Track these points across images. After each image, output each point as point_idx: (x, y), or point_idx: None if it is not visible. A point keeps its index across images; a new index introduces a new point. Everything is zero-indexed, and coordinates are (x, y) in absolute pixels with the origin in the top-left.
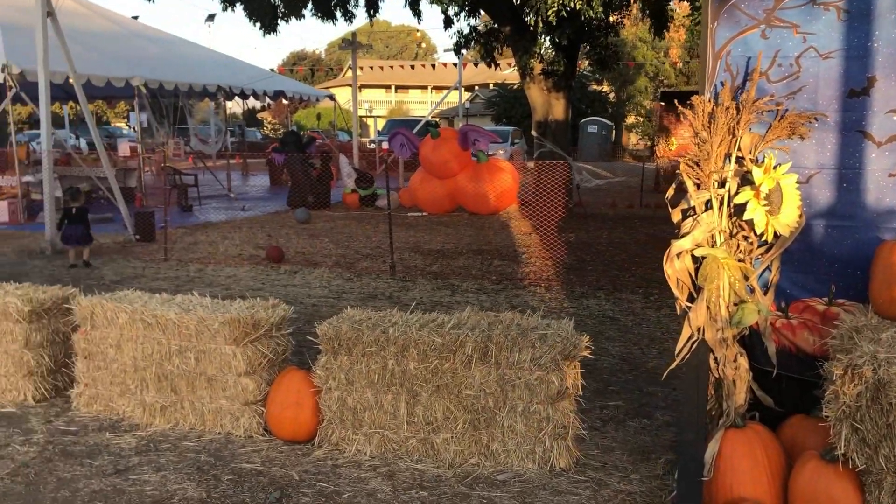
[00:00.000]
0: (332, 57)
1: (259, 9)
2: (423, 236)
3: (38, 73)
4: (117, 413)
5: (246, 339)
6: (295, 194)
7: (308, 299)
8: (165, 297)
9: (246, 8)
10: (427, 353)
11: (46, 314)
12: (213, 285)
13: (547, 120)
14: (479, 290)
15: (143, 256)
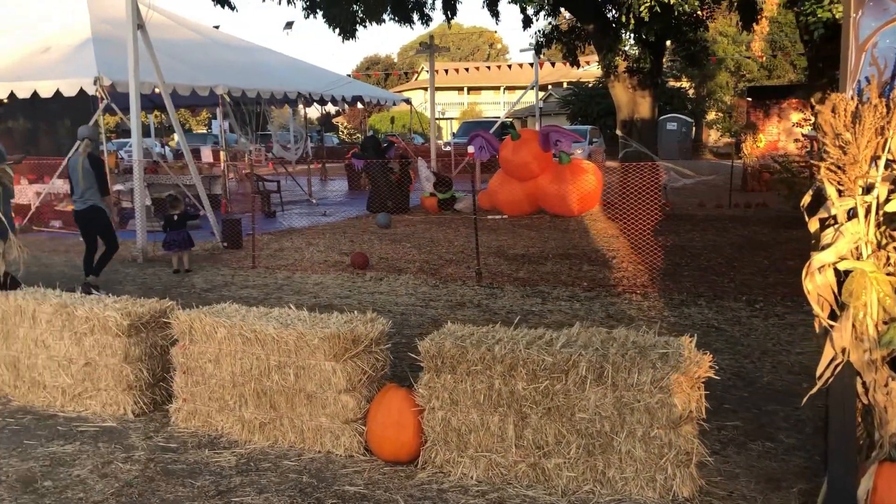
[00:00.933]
0: (405, 60)
1: (339, 15)
2: (506, 240)
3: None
4: (216, 429)
5: (346, 355)
6: (375, 199)
7: (396, 307)
8: (263, 311)
9: (325, 14)
10: (537, 372)
11: (145, 328)
12: (301, 293)
13: (632, 119)
14: (571, 297)
15: (231, 264)
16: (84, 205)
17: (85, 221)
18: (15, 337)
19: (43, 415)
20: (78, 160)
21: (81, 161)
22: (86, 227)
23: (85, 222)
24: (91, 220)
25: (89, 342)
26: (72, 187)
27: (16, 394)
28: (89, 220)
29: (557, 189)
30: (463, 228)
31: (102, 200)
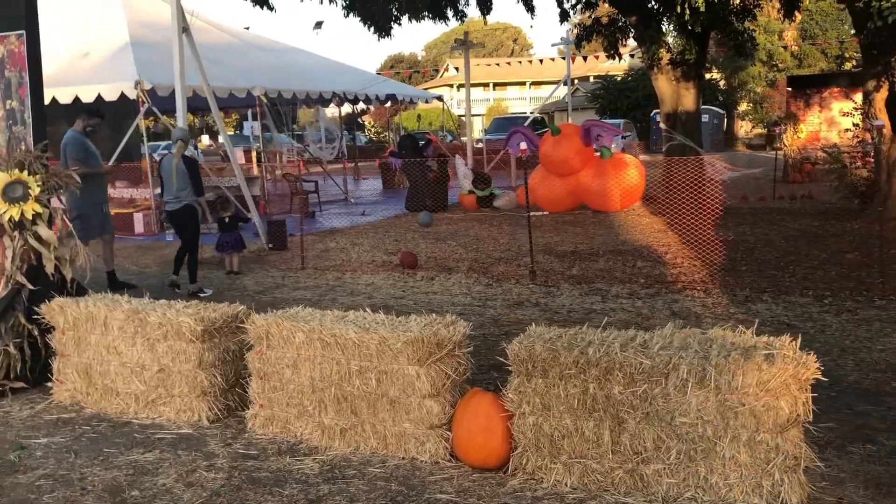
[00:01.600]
0: (429, 58)
1: (377, 12)
2: (551, 237)
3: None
4: (294, 435)
5: (430, 360)
6: (413, 197)
7: (453, 307)
8: (338, 314)
9: (360, 13)
10: (634, 376)
11: (218, 333)
12: (354, 294)
13: (676, 111)
14: (631, 295)
15: (279, 265)
16: (178, 204)
17: (176, 221)
18: (87, 344)
19: (117, 422)
20: (172, 161)
21: (176, 162)
22: (177, 226)
23: (176, 221)
24: (181, 219)
25: (162, 348)
26: (162, 188)
27: (88, 401)
28: (179, 220)
29: (599, 184)
30: (506, 226)
31: (196, 200)
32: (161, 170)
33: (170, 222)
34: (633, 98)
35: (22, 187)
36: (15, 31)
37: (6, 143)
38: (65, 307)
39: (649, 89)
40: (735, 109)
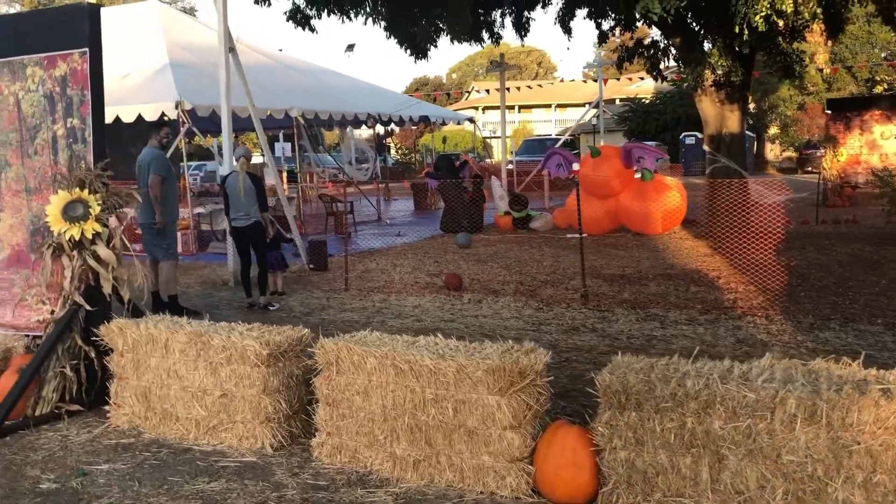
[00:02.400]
0: (454, 81)
1: (418, 34)
2: (595, 260)
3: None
4: (364, 466)
5: (511, 390)
6: (448, 218)
7: (506, 332)
8: (408, 339)
9: (397, 35)
10: (737, 410)
11: (283, 357)
12: (402, 316)
13: (720, 133)
14: (690, 321)
15: (322, 286)
16: (247, 220)
17: (245, 237)
18: (146, 367)
19: (178, 448)
20: (237, 178)
21: (242, 179)
22: (245, 242)
23: (245, 238)
24: (251, 235)
25: (225, 372)
26: (227, 205)
27: (147, 425)
28: (249, 236)
29: (641, 206)
30: (546, 248)
31: (262, 216)
32: (227, 188)
33: (237, 238)
34: (662, 120)
35: (82, 206)
36: (78, 48)
37: (66, 162)
38: (124, 329)
39: (678, 112)
40: (765, 133)
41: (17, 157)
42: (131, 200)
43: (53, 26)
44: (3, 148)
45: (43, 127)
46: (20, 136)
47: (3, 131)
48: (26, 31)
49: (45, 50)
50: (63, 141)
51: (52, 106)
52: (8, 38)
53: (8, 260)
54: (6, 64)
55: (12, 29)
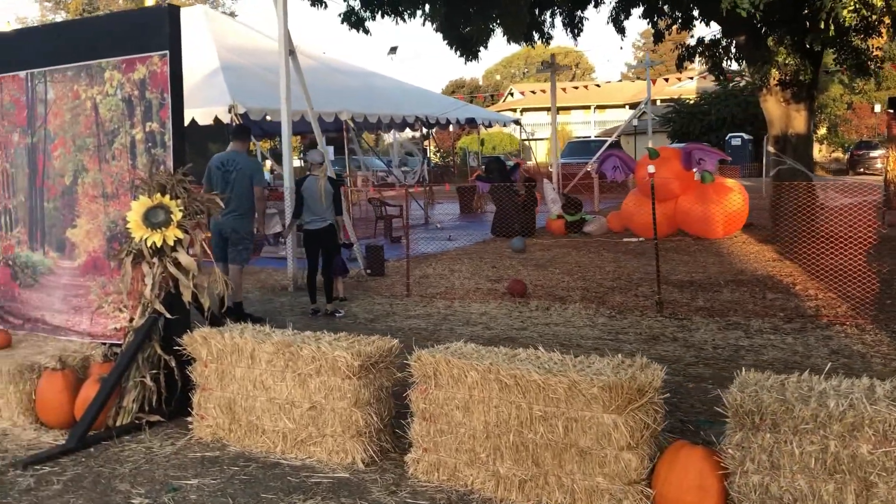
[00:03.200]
0: (490, 83)
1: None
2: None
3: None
4: (464, 484)
5: (629, 408)
6: (500, 222)
7: (584, 341)
8: (507, 352)
9: (447, 37)
10: (888, 434)
11: (373, 368)
12: (470, 324)
13: (786, 134)
14: (776, 330)
15: (381, 291)
16: (323, 223)
17: (318, 240)
18: (231, 377)
19: (265, 462)
20: (316, 181)
21: (321, 183)
22: (318, 245)
23: (318, 241)
24: (325, 238)
25: (315, 384)
26: (297, 208)
27: (231, 438)
28: (323, 239)
29: (701, 210)
30: (605, 252)
31: (336, 219)
32: (304, 190)
33: (309, 241)
34: (706, 121)
35: (164, 212)
36: (158, 51)
37: (145, 167)
38: (208, 338)
39: (723, 112)
40: (814, 133)
41: (95, 163)
42: (213, 206)
43: (132, 29)
44: (80, 153)
45: (121, 131)
46: (97, 140)
47: (81, 136)
48: (104, 35)
49: (123, 53)
50: (142, 145)
51: (131, 110)
52: (85, 42)
53: (84, 266)
54: (83, 68)
55: (89, 32)
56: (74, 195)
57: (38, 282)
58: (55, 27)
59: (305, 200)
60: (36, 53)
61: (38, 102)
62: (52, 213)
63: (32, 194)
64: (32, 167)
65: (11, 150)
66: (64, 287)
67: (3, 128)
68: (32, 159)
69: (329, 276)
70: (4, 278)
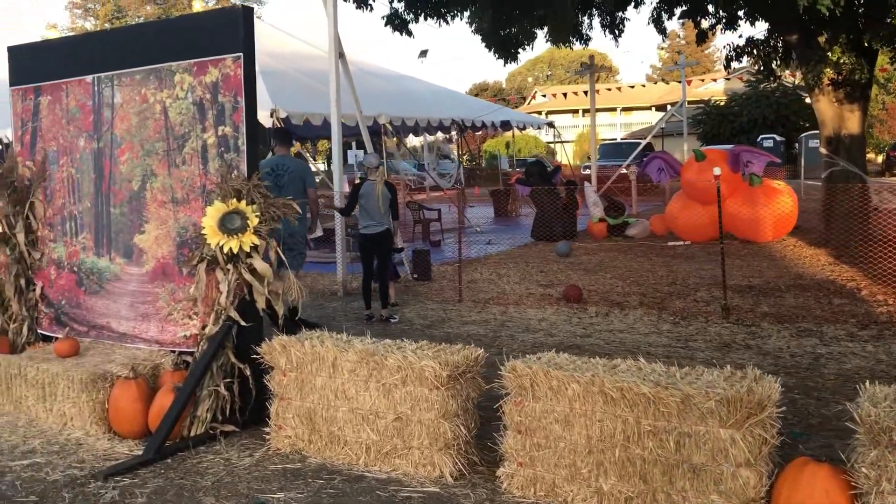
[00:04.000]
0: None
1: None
2: (713, 269)
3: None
4: (563, 500)
5: (748, 423)
6: (540, 225)
7: (653, 349)
8: (605, 363)
9: (486, 38)
10: None
11: (461, 378)
12: (530, 330)
13: (839, 135)
14: (851, 337)
15: (432, 297)
16: (380, 227)
17: (375, 244)
18: (311, 387)
19: (350, 475)
20: (373, 185)
21: (379, 187)
22: (373, 250)
23: (374, 245)
24: (381, 242)
25: (400, 394)
26: (347, 210)
27: (310, 449)
28: (379, 243)
29: (749, 213)
30: (654, 256)
31: (392, 224)
32: (361, 195)
33: (365, 246)
34: (737, 123)
35: (240, 218)
36: (232, 53)
37: (217, 171)
38: (288, 346)
39: (754, 114)
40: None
41: (164, 167)
42: (289, 211)
43: (204, 31)
44: (148, 157)
45: (192, 135)
46: (167, 145)
47: (149, 140)
48: (173, 37)
49: (194, 56)
50: (214, 150)
51: (202, 113)
52: (154, 45)
53: (153, 273)
54: (152, 71)
55: (158, 35)
56: (142, 200)
57: (103, 288)
58: (122, 31)
59: (363, 205)
60: (102, 57)
61: (104, 107)
62: (119, 219)
63: (98, 200)
64: (98, 172)
65: (77, 156)
66: (131, 294)
67: (69, 133)
68: (98, 164)
69: (385, 282)
70: (69, 284)
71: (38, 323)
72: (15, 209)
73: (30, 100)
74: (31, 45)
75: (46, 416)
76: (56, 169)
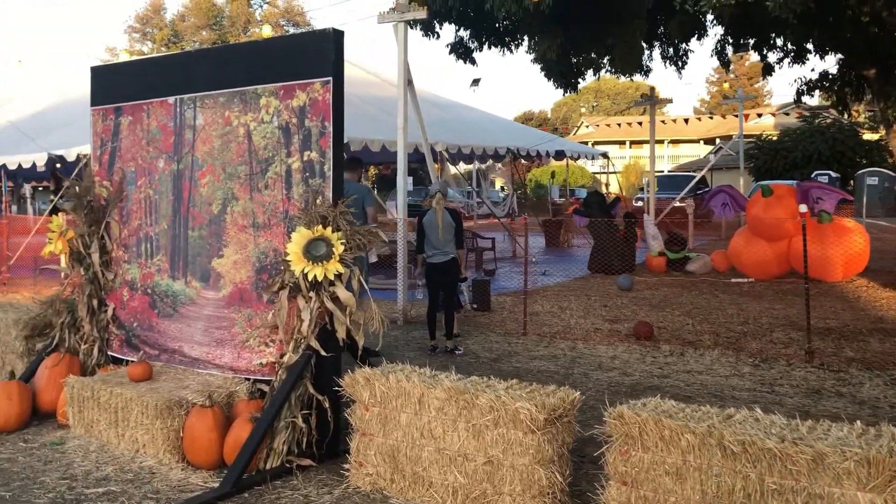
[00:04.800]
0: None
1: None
2: (785, 309)
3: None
4: None
5: (890, 487)
6: (598, 257)
7: (738, 393)
8: (719, 412)
9: (545, 68)
10: None
11: (557, 422)
12: (603, 368)
13: None
14: None
15: (494, 328)
16: (445, 257)
17: (441, 274)
18: (395, 423)
19: None
20: (435, 214)
21: (441, 215)
22: (440, 280)
23: (440, 275)
24: (447, 272)
25: (491, 436)
26: (421, 242)
27: (392, 489)
28: (446, 273)
29: (819, 251)
30: (720, 293)
31: (457, 253)
32: (424, 224)
33: (431, 275)
34: (791, 158)
35: (325, 245)
36: (321, 77)
37: (300, 197)
38: (372, 380)
39: (809, 149)
40: None
41: (246, 191)
42: (374, 240)
43: (293, 55)
44: (230, 181)
45: (276, 160)
46: (250, 168)
47: (232, 164)
48: (261, 60)
49: (281, 79)
50: (298, 175)
51: (288, 138)
52: (239, 67)
53: (229, 297)
54: (236, 94)
55: (244, 57)
56: (222, 224)
57: (177, 312)
58: (206, 52)
59: (427, 234)
60: (186, 79)
61: (185, 128)
62: (197, 242)
63: (176, 222)
64: (177, 194)
65: (156, 177)
66: (206, 318)
67: (149, 153)
68: (178, 186)
69: (451, 312)
70: (142, 306)
71: (108, 344)
72: (90, 229)
73: (110, 119)
74: (113, 66)
75: (118, 442)
76: (134, 189)
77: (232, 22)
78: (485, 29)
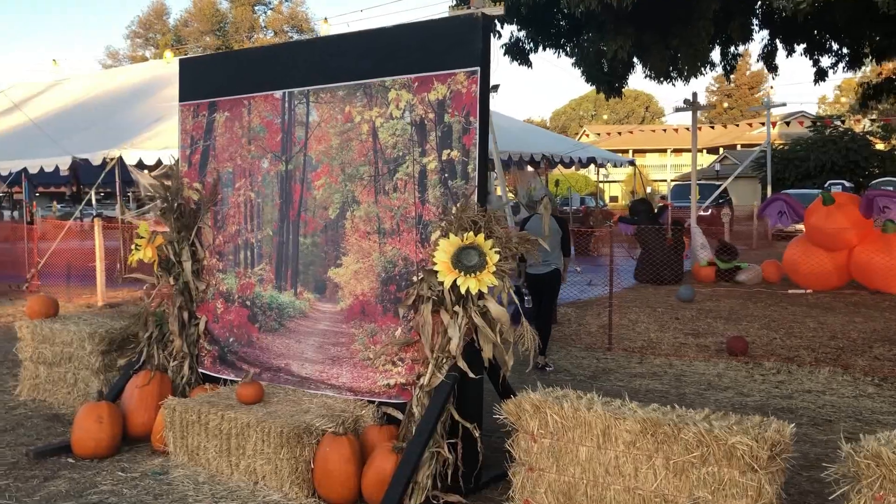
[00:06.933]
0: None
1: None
2: (862, 323)
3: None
4: None
5: None
6: (644, 267)
7: (882, 417)
8: None
9: (585, 72)
10: None
11: (778, 458)
12: (713, 388)
13: None
14: None
15: (570, 342)
16: (548, 268)
17: (542, 286)
18: (572, 458)
19: None
20: (541, 220)
21: (546, 221)
22: (543, 291)
23: (542, 287)
24: (549, 283)
25: (698, 475)
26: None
27: None
28: (547, 284)
29: (883, 261)
30: (788, 305)
31: (563, 261)
32: (527, 231)
33: (531, 287)
34: (804, 168)
35: (477, 254)
36: (465, 68)
37: (437, 201)
38: (542, 407)
39: (822, 159)
40: None
41: (370, 194)
42: (532, 248)
43: (432, 42)
44: (350, 183)
45: (407, 159)
46: (374, 169)
47: (353, 164)
48: (390, 49)
49: (415, 69)
50: (435, 176)
51: (422, 135)
52: (363, 57)
53: (349, 311)
54: (359, 87)
55: (370, 46)
56: (341, 230)
57: (283, 326)
58: (322, 41)
59: None
60: (296, 70)
61: (296, 125)
62: (310, 250)
63: (284, 227)
64: (286, 197)
65: (259, 178)
66: (321, 333)
67: (250, 153)
68: (286, 188)
69: (547, 327)
70: (240, 320)
71: (198, 361)
72: (180, 235)
73: (202, 116)
74: (206, 58)
75: (231, 472)
76: (231, 192)
77: (236, 28)
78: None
